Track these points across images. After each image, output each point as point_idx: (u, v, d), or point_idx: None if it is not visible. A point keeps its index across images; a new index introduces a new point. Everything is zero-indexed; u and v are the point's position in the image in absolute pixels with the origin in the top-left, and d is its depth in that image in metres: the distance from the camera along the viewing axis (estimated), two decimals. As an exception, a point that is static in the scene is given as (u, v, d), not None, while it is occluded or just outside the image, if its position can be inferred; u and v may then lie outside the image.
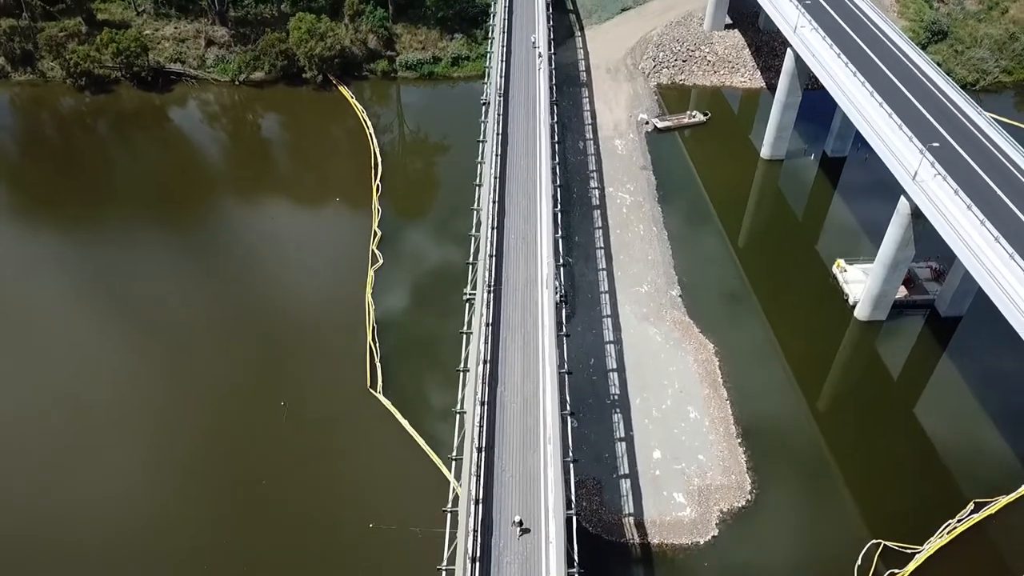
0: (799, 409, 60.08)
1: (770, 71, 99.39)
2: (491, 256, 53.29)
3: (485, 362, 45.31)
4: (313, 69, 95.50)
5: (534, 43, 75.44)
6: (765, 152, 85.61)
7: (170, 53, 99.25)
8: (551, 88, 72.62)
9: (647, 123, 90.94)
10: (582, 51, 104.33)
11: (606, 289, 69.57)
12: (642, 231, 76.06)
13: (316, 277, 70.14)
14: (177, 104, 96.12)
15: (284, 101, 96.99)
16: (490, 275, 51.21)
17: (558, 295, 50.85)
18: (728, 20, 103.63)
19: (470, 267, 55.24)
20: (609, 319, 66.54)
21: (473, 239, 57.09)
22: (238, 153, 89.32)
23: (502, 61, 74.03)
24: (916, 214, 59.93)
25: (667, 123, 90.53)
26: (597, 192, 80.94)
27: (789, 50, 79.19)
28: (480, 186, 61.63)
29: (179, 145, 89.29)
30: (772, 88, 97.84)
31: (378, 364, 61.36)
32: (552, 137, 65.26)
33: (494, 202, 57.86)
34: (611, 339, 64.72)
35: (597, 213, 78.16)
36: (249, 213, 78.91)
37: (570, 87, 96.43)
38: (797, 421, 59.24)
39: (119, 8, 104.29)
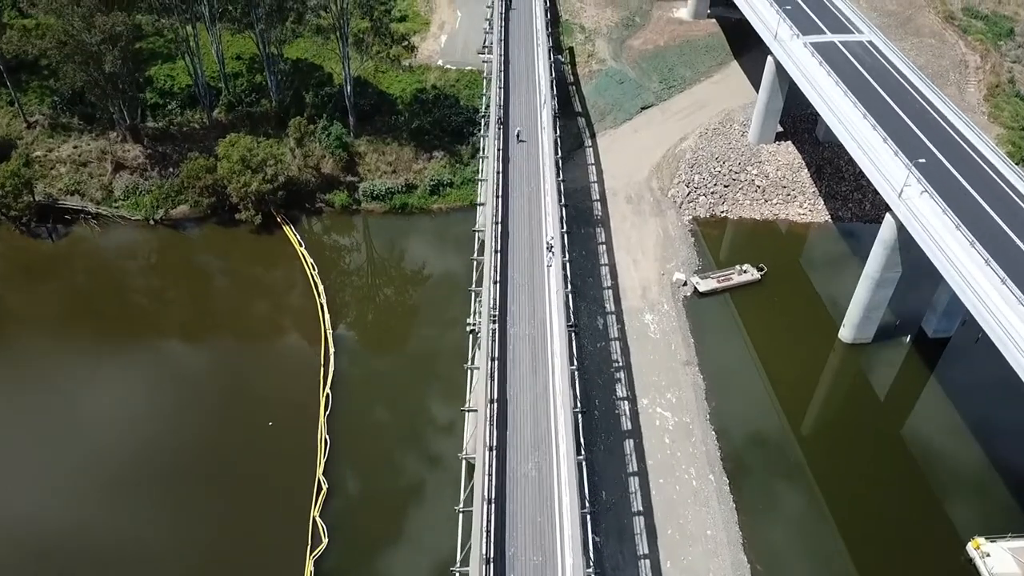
0: None
1: (836, 199, 78.07)
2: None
3: None
4: (249, 208, 73.58)
5: (550, 246, 53.34)
6: (846, 334, 64.19)
7: (67, 182, 76.87)
8: (567, 300, 50.73)
9: (684, 284, 69.49)
10: (594, 168, 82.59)
11: (651, 598, 48.15)
12: (694, 479, 54.51)
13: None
14: (71, 255, 73.47)
15: (212, 247, 74.77)
16: None
17: None
18: (779, 128, 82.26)
19: None
20: (659, 663, 45.14)
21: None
22: (141, 338, 64.78)
23: (495, 253, 51.77)
24: None
25: (711, 284, 69.00)
26: (626, 406, 59.32)
27: (888, 215, 57.89)
28: (466, 458, 39.79)
29: (58, 322, 66.32)
30: (839, 221, 77.12)
31: None
32: (576, 419, 43.40)
33: (487, 500, 36.23)
34: None
35: (629, 445, 56.55)
36: (141, 449, 56.03)
37: (581, 226, 74.42)
38: None
39: (5, 117, 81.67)
